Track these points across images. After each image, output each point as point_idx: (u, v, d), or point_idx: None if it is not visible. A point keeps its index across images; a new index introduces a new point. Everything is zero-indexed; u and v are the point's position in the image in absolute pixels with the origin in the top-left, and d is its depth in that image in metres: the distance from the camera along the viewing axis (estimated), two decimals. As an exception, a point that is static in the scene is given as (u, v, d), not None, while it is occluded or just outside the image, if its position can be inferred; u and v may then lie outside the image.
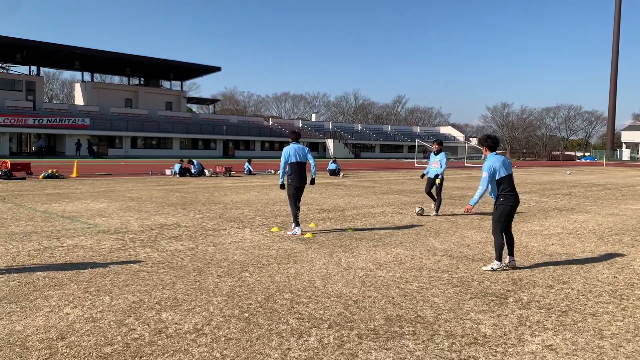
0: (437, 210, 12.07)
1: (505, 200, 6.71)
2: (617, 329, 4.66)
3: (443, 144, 12.52)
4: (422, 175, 13.03)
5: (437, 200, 12.10)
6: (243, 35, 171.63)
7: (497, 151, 6.99)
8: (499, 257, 6.71)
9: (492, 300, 5.41)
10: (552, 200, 16.31)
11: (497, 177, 6.71)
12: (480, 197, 6.83)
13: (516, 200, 6.79)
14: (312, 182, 9.79)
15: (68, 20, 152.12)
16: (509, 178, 6.76)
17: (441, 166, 12.02)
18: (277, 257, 7.27)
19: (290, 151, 9.16)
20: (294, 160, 9.15)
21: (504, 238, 6.82)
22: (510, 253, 6.91)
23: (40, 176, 21.71)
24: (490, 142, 6.93)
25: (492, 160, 6.75)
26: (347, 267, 6.77)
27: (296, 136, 9.50)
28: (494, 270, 6.66)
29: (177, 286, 5.70)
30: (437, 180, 12.04)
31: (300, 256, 7.37)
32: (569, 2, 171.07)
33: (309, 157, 9.30)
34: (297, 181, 9.18)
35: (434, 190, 12.24)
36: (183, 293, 5.44)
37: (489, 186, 6.76)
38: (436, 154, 12.18)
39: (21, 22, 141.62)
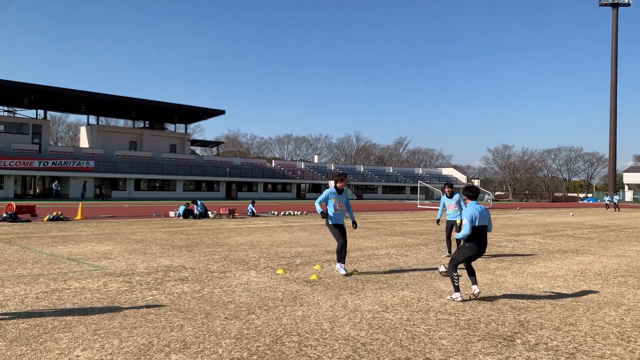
0: (450, 251, 11.93)
1: (471, 247, 7.39)
2: (626, 372, 4.66)
3: (453, 185, 12.45)
4: (438, 221, 12.74)
5: (455, 242, 11.79)
6: (246, 79, 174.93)
7: (477, 200, 7.81)
8: (457, 289, 7.39)
9: (500, 342, 5.42)
10: (556, 242, 16.30)
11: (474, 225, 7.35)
12: (463, 237, 7.44)
13: (480, 250, 7.43)
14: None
15: (75, 63, 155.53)
16: (480, 229, 7.36)
17: (461, 208, 11.86)
18: (283, 300, 7.29)
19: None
20: None
21: (465, 269, 7.60)
22: (474, 282, 7.58)
23: (45, 219, 21.82)
24: (471, 193, 7.71)
25: (472, 209, 7.41)
26: (353, 309, 6.78)
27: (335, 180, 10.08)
28: (453, 300, 7.35)
29: (185, 328, 5.72)
30: (459, 221, 11.64)
31: (306, 298, 7.39)
32: (567, 44, 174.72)
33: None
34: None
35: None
36: (191, 335, 5.46)
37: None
38: (449, 196, 12.03)
39: (29, 65, 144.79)
